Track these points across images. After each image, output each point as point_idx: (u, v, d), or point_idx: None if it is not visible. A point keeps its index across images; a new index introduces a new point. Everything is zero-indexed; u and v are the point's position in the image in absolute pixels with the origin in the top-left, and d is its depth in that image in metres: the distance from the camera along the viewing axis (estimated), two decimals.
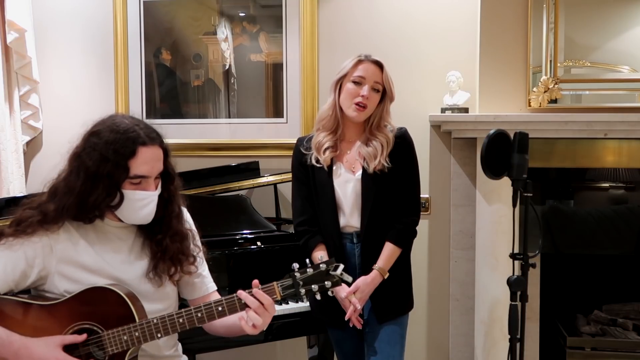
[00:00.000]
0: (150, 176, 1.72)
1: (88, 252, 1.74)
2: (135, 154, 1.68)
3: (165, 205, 1.80)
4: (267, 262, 2.62)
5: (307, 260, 1.69)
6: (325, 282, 1.65)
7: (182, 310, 1.71)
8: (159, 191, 1.77)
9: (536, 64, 2.97)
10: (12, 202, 2.55)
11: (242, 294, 1.68)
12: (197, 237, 1.92)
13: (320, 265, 1.66)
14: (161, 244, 1.79)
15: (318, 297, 1.67)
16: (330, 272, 1.66)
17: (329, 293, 1.68)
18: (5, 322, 1.68)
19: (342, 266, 1.67)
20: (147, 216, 1.75)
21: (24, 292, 1.76)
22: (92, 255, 1.74)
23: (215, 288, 1.96)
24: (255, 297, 1.67)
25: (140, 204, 1.72)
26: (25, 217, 1.72)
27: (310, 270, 1.66)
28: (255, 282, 1.70)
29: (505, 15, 2.99)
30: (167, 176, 1.80)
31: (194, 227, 1.93)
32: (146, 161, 1.70)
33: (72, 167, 1.71)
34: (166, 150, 1.78)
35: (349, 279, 1.71)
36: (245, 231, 2.74)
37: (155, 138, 1.74)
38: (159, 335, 1.69)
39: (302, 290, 1.65)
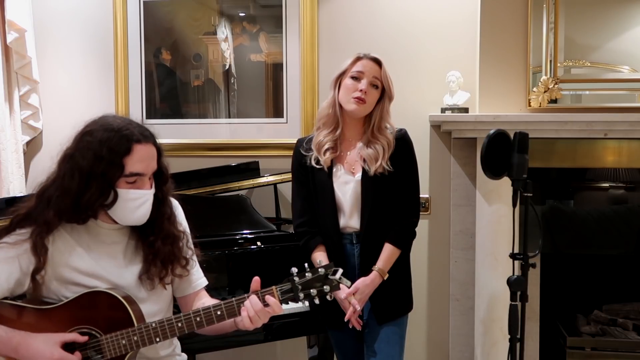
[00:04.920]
0: (145, 174, 1.71)
1: (83, 257, 1.73)
2: (130, 151, 1.67)
3: (158, 206, 1.79)
4: (267, 262, 2.62)
5: (306, 265, 1.69)
6: (324, 287, 1.65)
7: (181, 314, 1.71)
8: (153, 190, 1.76)
9: (536, 64, 2.97)
10: (12, 202, 2.56)
11: (252, 299, 1.68)
12: (190, 240, 1.90)
13: (319, 270, 1.66)
14: (153, 246, 1.78)
15: (317, 301, 1.67)
16: (329, 277, 1.65)
17: (328, 297, 1.68)
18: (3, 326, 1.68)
19: (341, 270, 1.67)
20: (143, 216, 1.74)
21: (20, 296, 1.75)
22: (87, 260, 1.73)
23: (206, 284, 1.94)
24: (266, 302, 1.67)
25: (136, 203, 1.71)
26: (21, 226, 1.70)
27: (309, 275, 1.66)
28: (257, 280, 1.70)
29: (505, 15, 2.98)
30: (160, 176, 1.79)
31: (187, 230, 1.91)
32: (141, 159, 1.69)
33: (65, 169, 1.69)
34: (159, 150, 1.77)
35: (348, 283, 1.71)
36: (245, 231, 2.74)
37: (149, 136, 1.73)
38: (157, 339, 1.69)
39: (301, 295, 1.65)
